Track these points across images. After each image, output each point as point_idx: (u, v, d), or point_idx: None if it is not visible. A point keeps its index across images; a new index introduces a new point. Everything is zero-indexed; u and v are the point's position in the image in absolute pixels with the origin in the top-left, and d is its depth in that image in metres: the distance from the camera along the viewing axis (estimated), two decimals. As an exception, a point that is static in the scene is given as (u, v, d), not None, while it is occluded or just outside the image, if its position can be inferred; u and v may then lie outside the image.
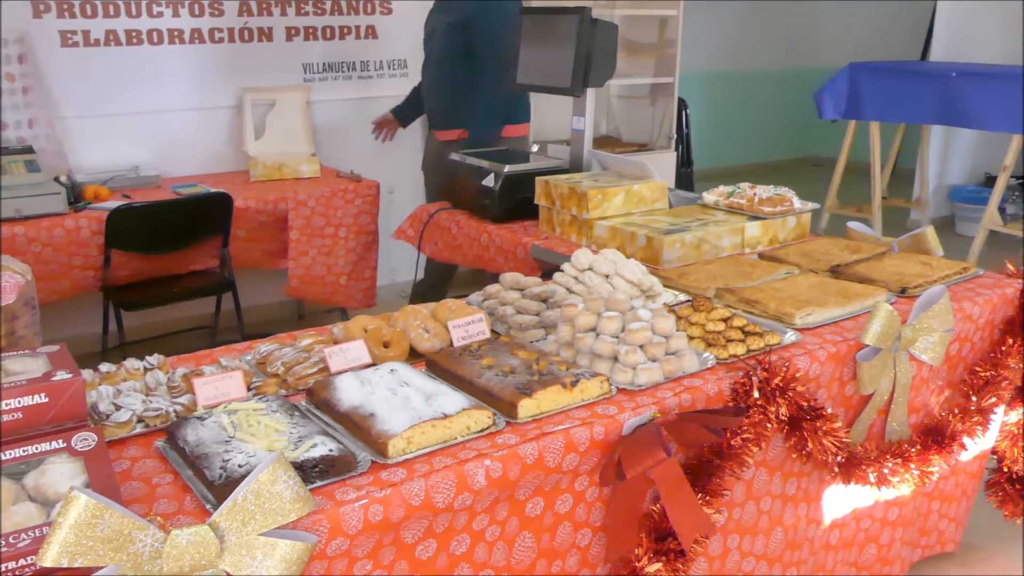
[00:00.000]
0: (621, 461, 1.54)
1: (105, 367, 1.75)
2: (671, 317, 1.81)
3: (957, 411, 2.19)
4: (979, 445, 2.25)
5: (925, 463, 2.08)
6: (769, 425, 1.75)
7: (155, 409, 1.58)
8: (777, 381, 1.74)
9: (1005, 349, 2.26)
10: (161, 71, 4.14)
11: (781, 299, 2.10)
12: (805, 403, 1.80)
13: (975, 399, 2.22)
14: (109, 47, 3.98)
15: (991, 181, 6.17)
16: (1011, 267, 2.39)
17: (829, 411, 1.85)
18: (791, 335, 1.96)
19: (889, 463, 2.00)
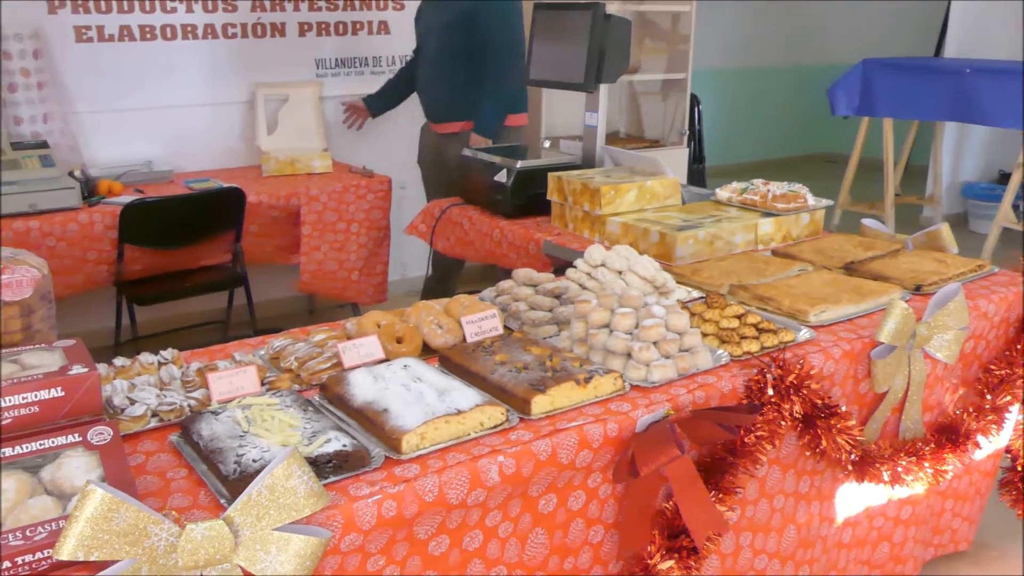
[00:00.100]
0: (635, 458, 1.54)
1: (119, 361, 1.75)
2: (685, 314, 1.81)
3: (972, 410, 2.19)
4: (993, 444, 2.23)
5: (939, 462, 2.07)
6: (783, 423, 1.74)
7: (169, 403, 1.58)
8: (791, 378, 1.74)
9: (1020, 347, 2.24)
10: (174, 66, 4.16)
11: (795, 296, 2.09)
12: (819, 401, 1.79)
13: (990, 397, 2.21)
14: (123, 42, 3.99)
15: (1005, 178, 6.14)
16: (1026, 264, 2.38)
17: (843, 409, 1.84)
18: (805, 332, 1.95)
19: (903, 461, 2.00)
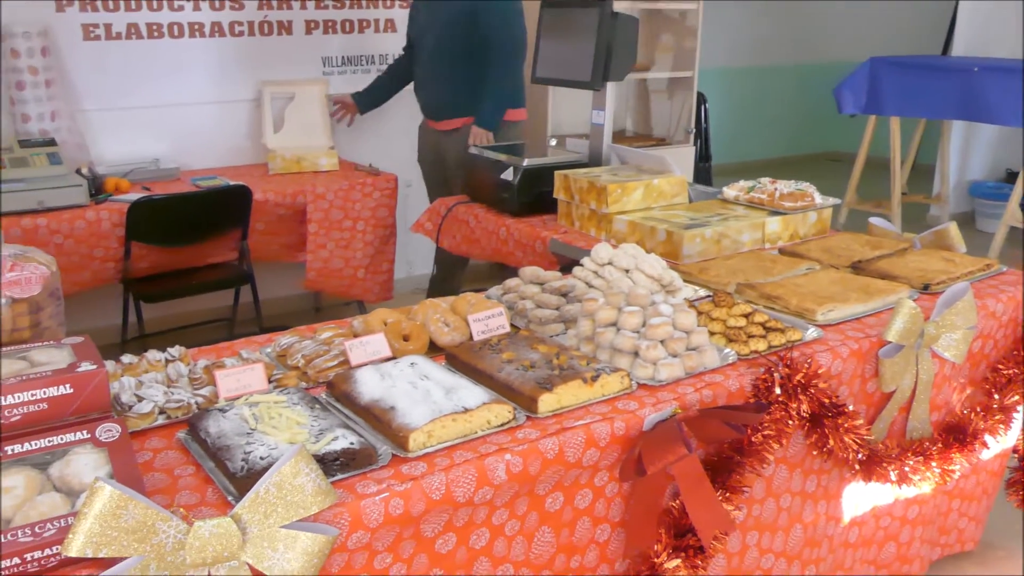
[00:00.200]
0: (642, 457, 1.53)
1: (127, 358, 1.76)
2: (692, 312, 1.81)
3: (979, 409, 2.18)
4: (1001, 444, 2.22)
5: (946, 461, 2.07)
6: (790, 422, 1.74)
7: (177, 401, 1.59)
8: (799, 377, 1.74)
9: (1028, 347, 2.24)
10: (181, 64, 4.16)
11: (802, 295, 2.09)
12: (827, 400, 1.79)
13: (997, 397, 2.20)
14: (130, 40, 4.00)
15: (1012, 177, 6.11)
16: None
17: (851, 408, 1.84)
18: (813, 331, 1.95)
19: (910, 461, 1.99)
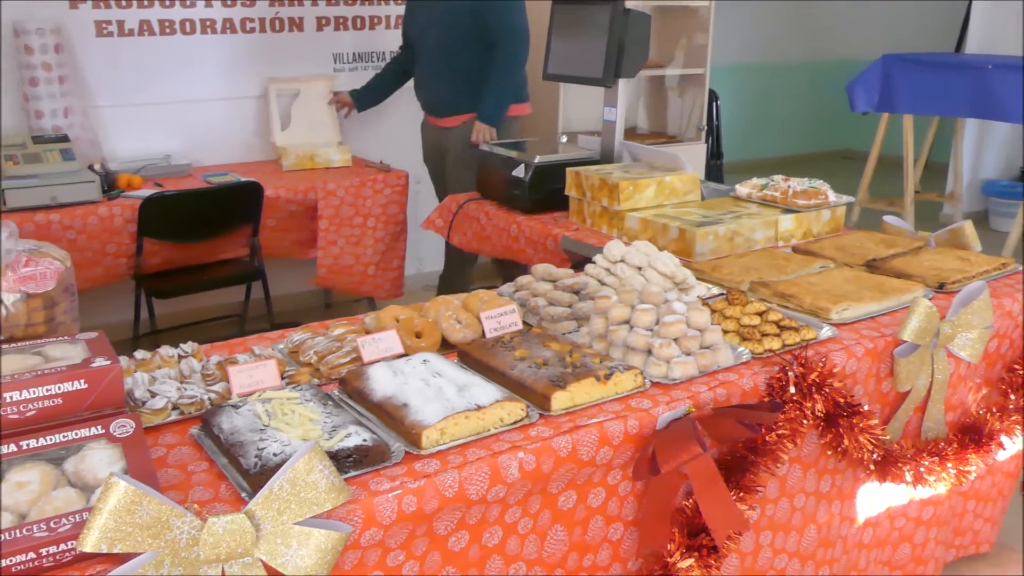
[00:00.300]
0: (656, 455, 1.53)
1: (140, 354, 1.76)
2: (706, 310, 1.79)
3: (995, 409, 2.16)
4: (1016, 444, 2.20)
5: (962, 462, 2.05)
6: (805, 421, 1.73)
7: (190, 397, 1.59)
8: (813, 377, 1.72)
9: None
10: (193, 61, 4.17)
11: (816, 293, 2.07)
12: (841, 399, 1.78)
13: (1013, 397, 2.18)
14: (143, 37, 4.01)
15: (1027, 175, 6.08)
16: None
17: (866, 408, 1.83)
18: (827, 330, 1.94)
19: (925, 462, 1.97)
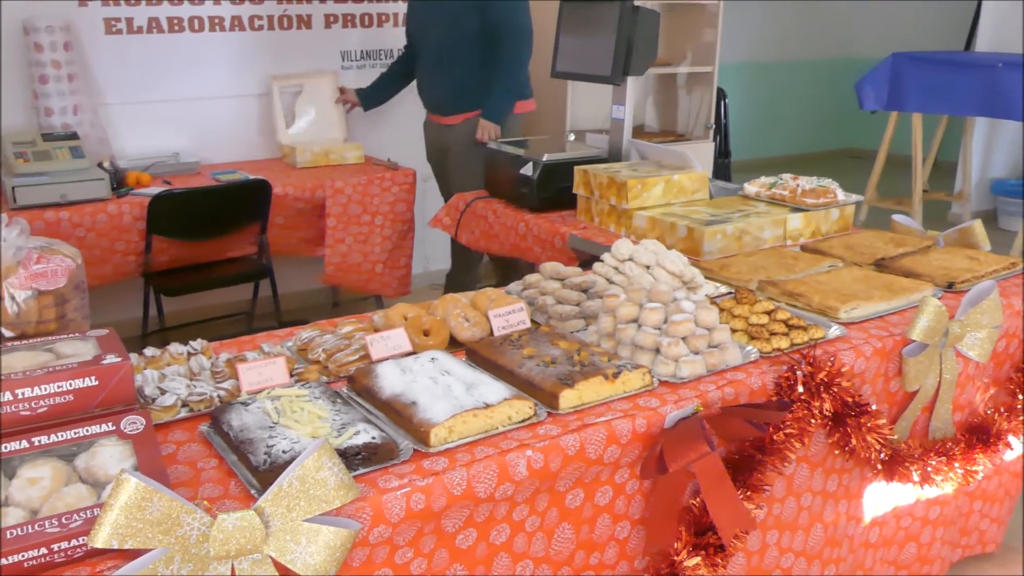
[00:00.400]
0: (663, 454, 1.53)
1: (150, 351, 1.77)
2: (714, 309, 1.79)
3: (1003, 409, 2.16)
4: (1024, 444, 2.21)
5: (969, 462, 2.05)
6: (813, 420, 1.72)
7: (199, 394, 1.59)
8: (822, 376, 1.72)
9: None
10: (202, 58, 4.18)
11: (825, 292, 2.07)
12: (850, 399, 1.77)
13: (1021, 397, 2.18)
14: (151, 34, 4.02)
15: (1036, 175, 6.06)
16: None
17: (873, 407, 1.83)
18: (835, 329, 1.93)
19: (933, 461, 1.97)
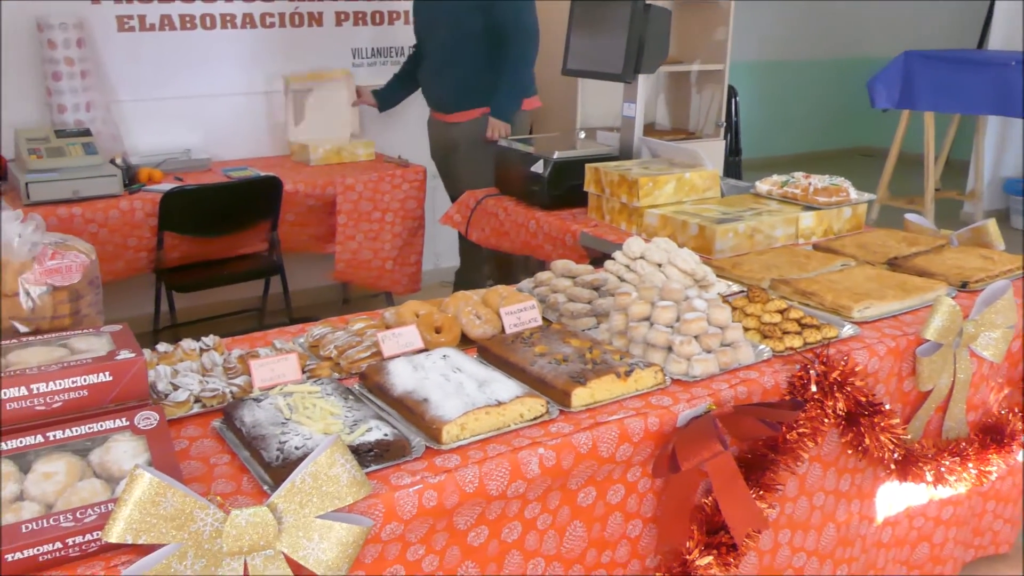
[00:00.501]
0: (676, 453, 1.52)
1: (162, 347, 1.77)
2: (727, 308, 1.79)
3: (1017, 409, 2.14)
4: (1039, 445, 2.19)
5: (983, 462, 2.04)
6: (826, 420, 1.72)
7: (212, 390, 1.60)
8: (835, 375, 1.71)
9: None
10: (213, 55, 4.19)
11: (838, 291, 2.06)
12: (863, 398, 1.77)
13: (1036, 398, 2.17)
14: (164, 31, 4.03)
15: (1050, 174, 6.03)
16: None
17: (887, 407, 1.82)
18: (849, 328, 1.93)
19: (946, 461, 1.96)
